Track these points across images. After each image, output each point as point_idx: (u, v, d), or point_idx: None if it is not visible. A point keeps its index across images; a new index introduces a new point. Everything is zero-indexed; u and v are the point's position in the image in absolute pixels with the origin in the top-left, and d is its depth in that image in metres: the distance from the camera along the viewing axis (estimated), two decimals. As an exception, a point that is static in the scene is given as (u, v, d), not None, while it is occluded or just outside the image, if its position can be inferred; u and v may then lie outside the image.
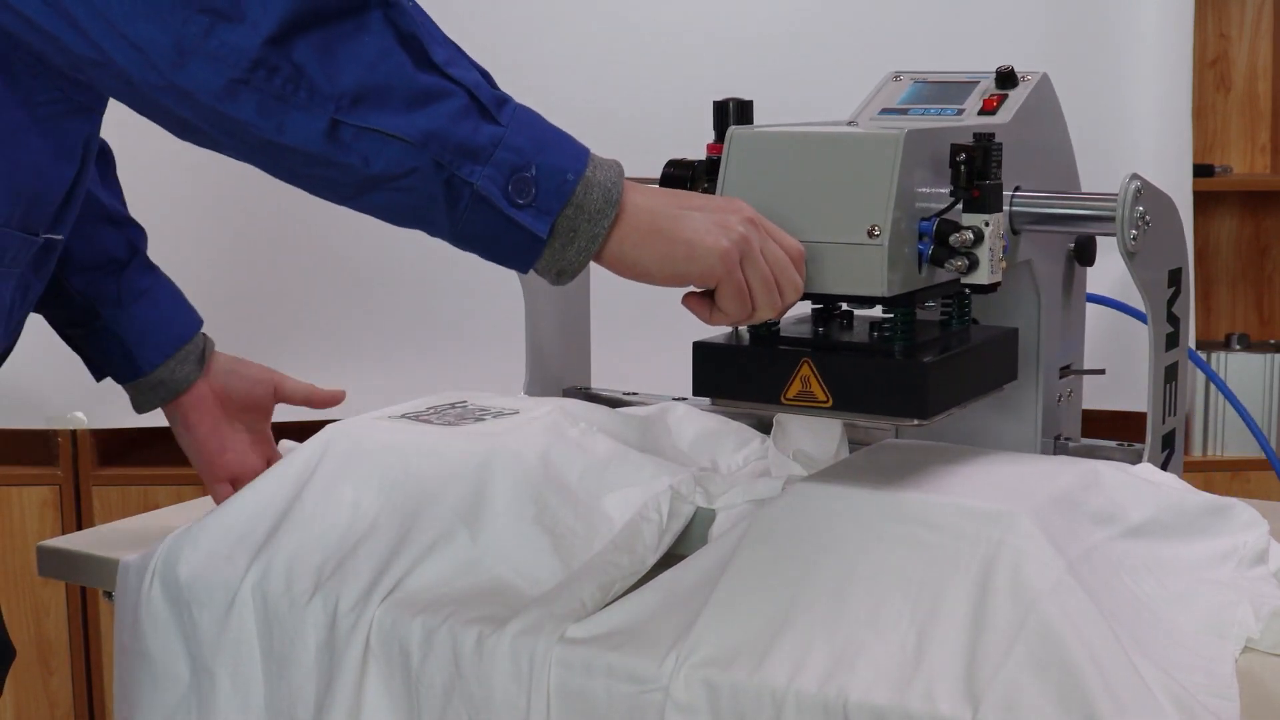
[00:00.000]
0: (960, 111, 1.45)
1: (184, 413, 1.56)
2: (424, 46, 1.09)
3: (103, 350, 1.52)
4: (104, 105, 1.26)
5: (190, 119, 1.09)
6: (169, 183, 2.37)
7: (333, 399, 1.57)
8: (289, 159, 1.10)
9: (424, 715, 1.27)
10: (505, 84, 1.16)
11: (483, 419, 1.54)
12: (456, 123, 1.09)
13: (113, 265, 1.49)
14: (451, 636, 1.26)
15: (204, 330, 1.56)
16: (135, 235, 1.52)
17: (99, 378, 1.56)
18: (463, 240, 1.14)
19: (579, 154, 1.14)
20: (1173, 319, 1.48)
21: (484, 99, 1.11)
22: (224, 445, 1.56)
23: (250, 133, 1.07)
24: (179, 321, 1.54)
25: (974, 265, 1.29)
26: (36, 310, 1.47)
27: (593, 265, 1.19)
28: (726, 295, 1.19)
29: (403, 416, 1.56)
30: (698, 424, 1.64)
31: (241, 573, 1.37)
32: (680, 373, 1.39)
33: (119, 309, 1.50)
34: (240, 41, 1.04)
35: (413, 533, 1.37)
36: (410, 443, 1.47)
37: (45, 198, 1.23)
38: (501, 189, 1.11)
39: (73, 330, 1.52)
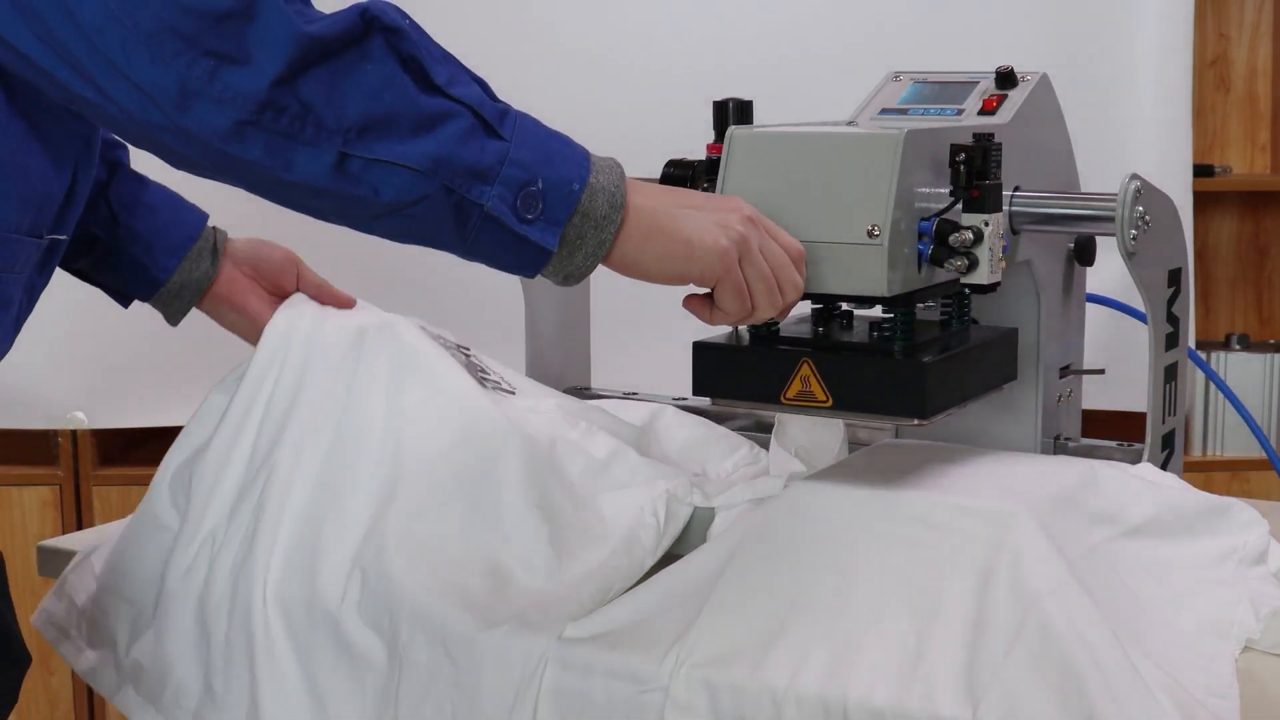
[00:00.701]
0: (960, 111, 1.45)
1: (224, 298, 1.53)
2: (426, 69, 1.09)
3: (116, 273, 1.50)
4: None
5: (194, 158, 1.08)
6: (168, 178, 2.37)
7: (343, 301, 1.54)
8: (297, 194, 1.09)
9: (403, 687, 1.26)
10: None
11: (484, 384, 1.53)
12: (463, 144, 1.09)
13: (95, 188, 1.45)
14: (445, 620, 1.26)
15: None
16: (111, 151, 1.48)
17: (126, 303, 1.53)
18: (471, 255, 1.14)
19: (581, 161, 1.14)
20: (1172, 319, 1.48)
21: (487, 115, 1.10)
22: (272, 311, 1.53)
23: (257, 171, 1.07)
24: (182, 222, 1.51)
25: (974, 265, 1.29)
26: None
27: None
28: (726, 294, 1.19)
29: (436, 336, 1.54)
30: (686, 430, 1.64)
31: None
32: (680, 373, 1.39)
33: (115, 227, 1.47)
34: (246, 85, 1.03)
35: (415, 485, 1.36)
36: (454, 388, 1.44)
37: (50, 200, 1.23)
38: (510, 206, 1.11)
39: (80, 264, 1.48)
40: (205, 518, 1.39)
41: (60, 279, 1.42)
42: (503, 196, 1.10)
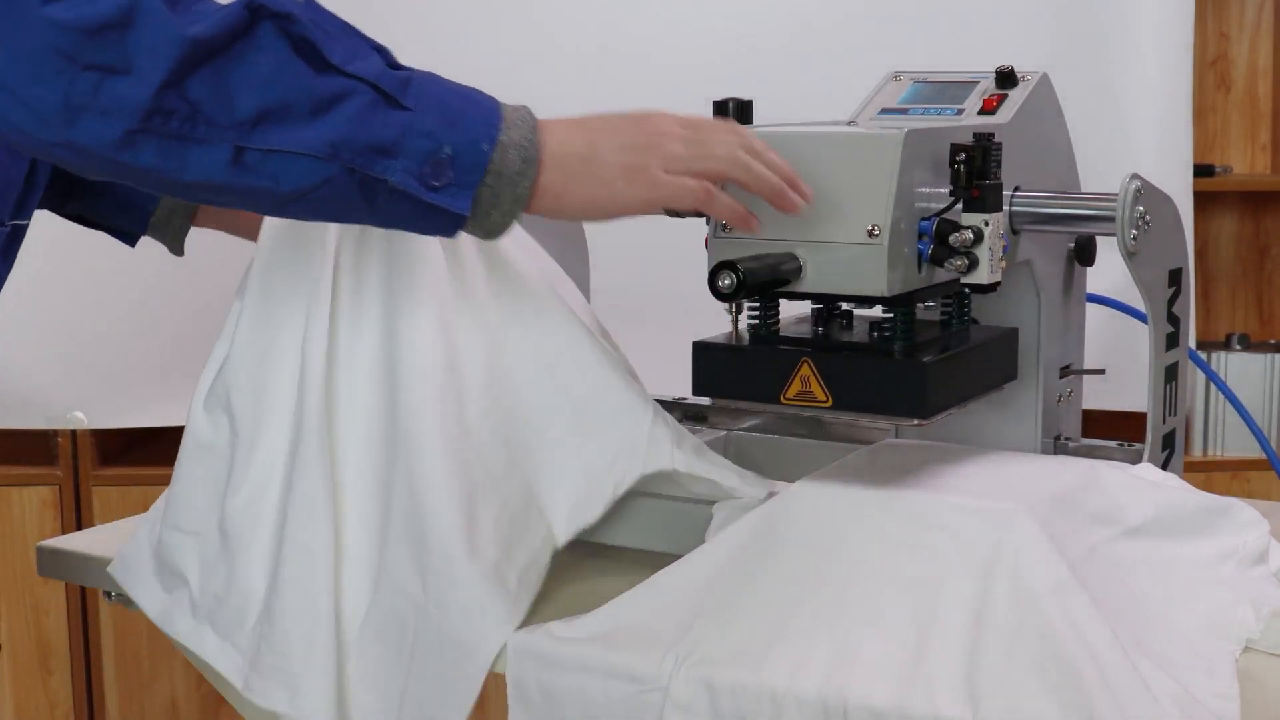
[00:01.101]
0: (960, 111, 1.45)
1: (221, 210, 1.51)
2: (319, 49, 1.07)
3: (107, 211, 1.48)
4: None
5: (92, 168, 1.07)
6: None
7: None
8: (198, 192, 1.09)
9: (376, 608, 1.27)
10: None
11: None
12: (363, 122, 1.08)
13: None
14: (427, 525, 1.26)
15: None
16: None
17: (131, 241, 1.52)
18: (386, 225, 1.14)
19: (490, 118, 1.12)
20: (1173, 319, 1.48)
21: (387, 87, 1.09)
22: None
23: (154, 176, 1.06)
24: None
25: (974, 265, 1.29)
26: (39, 206, 1.44)
27: (592, 266, 1.19)
28: (682, 196, 1.19)
29: None
30: None
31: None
32: (680, 372, 1.39)
33: None
34: (131, 94, 1.02)
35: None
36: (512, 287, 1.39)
37: (10, 188, 1.22)
38: (417, 177, 1.09)
39: (71, 207, 1.47)
40: (260, 438, 1.34)
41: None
42: (408, 169, 1.09)
